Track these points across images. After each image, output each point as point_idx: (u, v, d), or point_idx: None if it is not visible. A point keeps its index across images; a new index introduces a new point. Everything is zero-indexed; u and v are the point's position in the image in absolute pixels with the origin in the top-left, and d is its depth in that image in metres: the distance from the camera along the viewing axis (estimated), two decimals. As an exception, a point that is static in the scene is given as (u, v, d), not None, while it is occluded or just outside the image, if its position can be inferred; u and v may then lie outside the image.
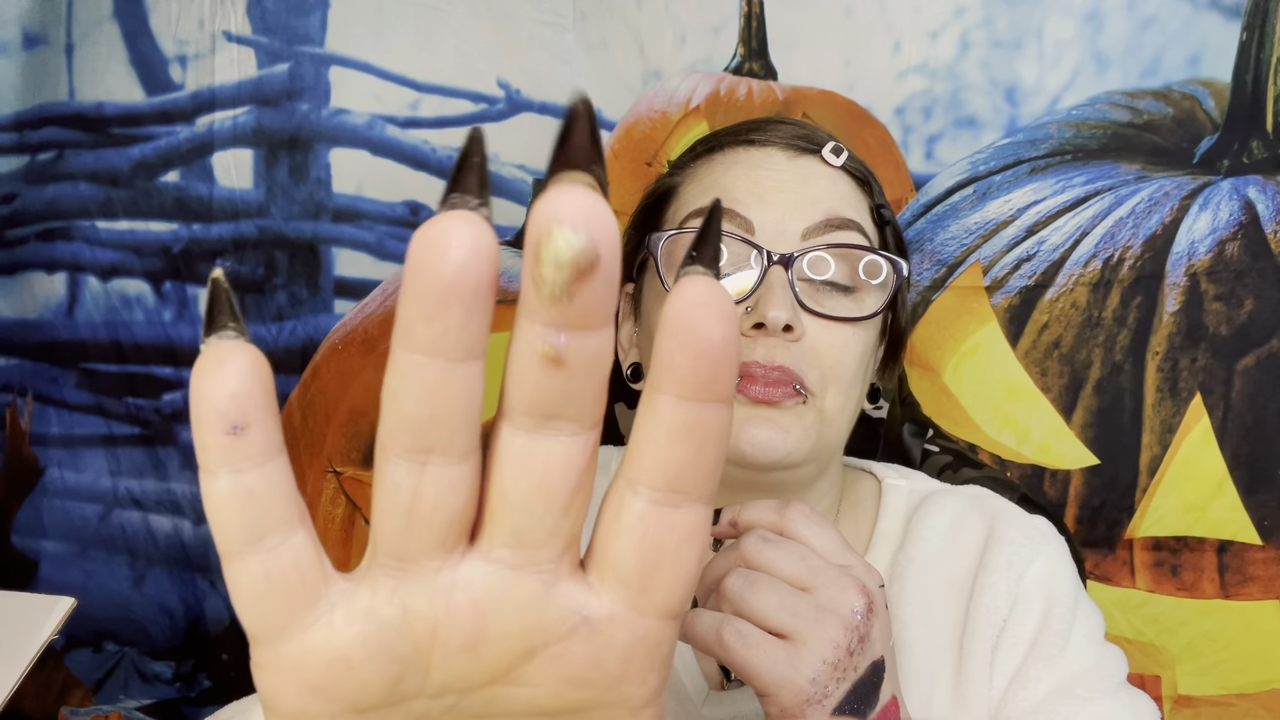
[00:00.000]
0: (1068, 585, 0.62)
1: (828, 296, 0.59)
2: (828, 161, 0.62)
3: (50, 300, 1.15)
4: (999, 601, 0.60)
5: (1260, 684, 0.83)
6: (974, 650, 0.59)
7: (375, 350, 1.04)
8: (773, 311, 0.55)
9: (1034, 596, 0.60)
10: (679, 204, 0.64)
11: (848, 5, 0.91)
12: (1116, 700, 0.58)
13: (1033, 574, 0.61)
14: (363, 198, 1.05)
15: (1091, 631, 0.61)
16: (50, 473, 1.18)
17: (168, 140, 1.09)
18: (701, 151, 0.66)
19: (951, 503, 0.65)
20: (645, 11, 0.96)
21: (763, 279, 0.57)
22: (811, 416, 0.57)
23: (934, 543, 0.63)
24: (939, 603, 0.61)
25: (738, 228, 0.59)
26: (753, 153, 0.63)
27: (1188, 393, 0.83)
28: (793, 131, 0.64)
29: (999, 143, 0.89)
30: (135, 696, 1.17)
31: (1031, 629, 0.60)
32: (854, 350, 0.59)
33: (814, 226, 0.59)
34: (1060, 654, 0.59)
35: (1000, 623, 0.60)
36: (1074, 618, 0.60)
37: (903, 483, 0.68)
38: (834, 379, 0.58)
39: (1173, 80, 0.85)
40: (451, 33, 1.01)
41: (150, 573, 1.16)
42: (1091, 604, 0.63)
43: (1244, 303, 0.82)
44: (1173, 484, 0.83)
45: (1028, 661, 0.59)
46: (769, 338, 0.56)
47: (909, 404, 0.90)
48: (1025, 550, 0.62)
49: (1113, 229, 0.85)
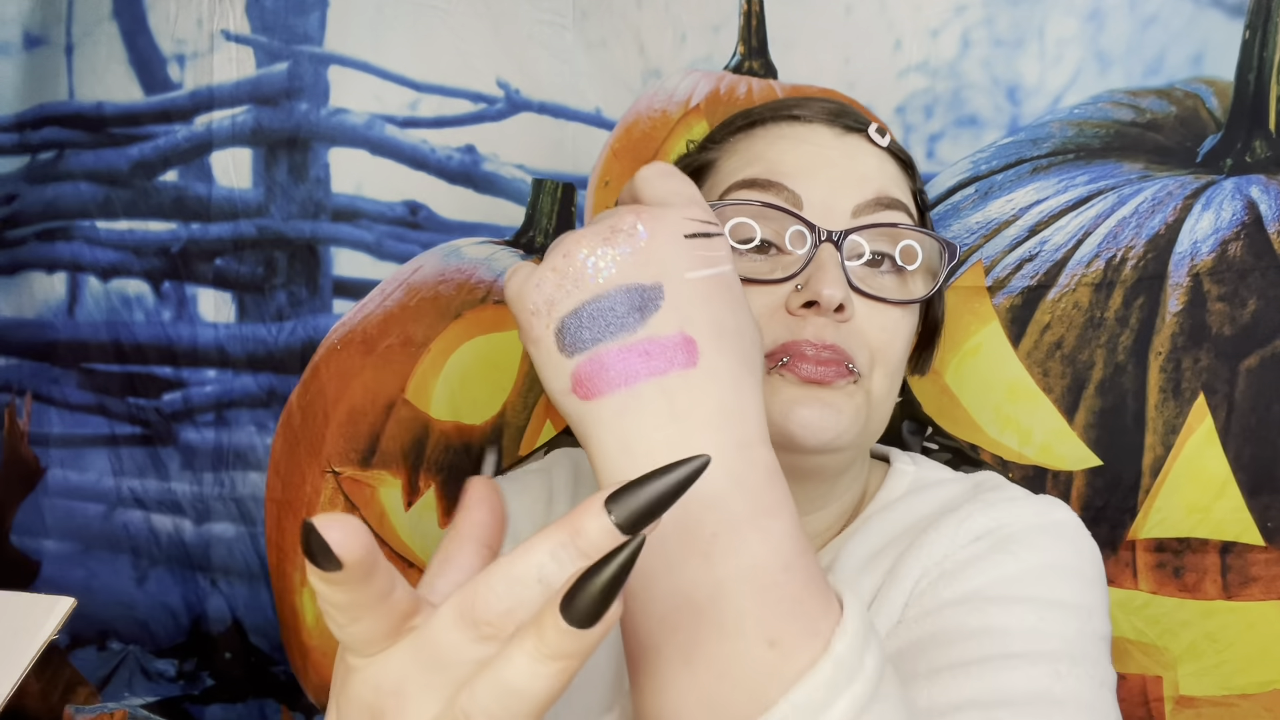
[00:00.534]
0: (1037, 556, 0.54)
1: (875, 277, 0.58)
2: (874, 141, 0.61)
3: (50, 300, 1.16)
4: (934, 552, 0.56)
5: (1262, 685, 0.82)
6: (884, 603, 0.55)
7: (374, 350, 1.04)
8: (827, 290, 0.53)
9: (976, 542, 0.55)
10: (717, 177, 0.62)
11: (848, 3, 0.90)
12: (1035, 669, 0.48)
13: (981, 521, 0.56)
14: (362, 197, 1.05)
15: (1062, 622, 0.52)
16: (52, 472, 1.18)
17: (166, 140, 1.09)
18: (742, 125, 0.64)
19: (953, 488, 0.63)
20: (645, 10, 0.96)
21: (813, 256, 0.55)
22: (861, 398, 0.56)
23: (909, 517, 0.60)
24: (872, 565, 0.57)
25: (785, 201, 0.57)
26: (797, 128, 0.61)
27: (1191, 393, 0.83)
28: (836, 109, 0.62)
29: (1001, 142, 0.88)
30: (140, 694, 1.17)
31: (957, 561, 0.54)
32: (902, 334, 0.58)
33: (864, 205, 0.58)
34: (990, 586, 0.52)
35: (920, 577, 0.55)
36: (1032, 584, 0.53)
37: (909, 468, 0.66)
38: (882, 361, 0.57)
39: (1175, 79, 0.84)
40: (451, 32, 1.01)
41: (153, 572, 1.16)
42: (1090, 613, 0.54)
43: (1247, 303, 0.81)
44: (1175, 485, 0.83)
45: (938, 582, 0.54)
46: (819, 317, 0.54)
47: (908, 401, 0.90)
48: (993, 509, 0.57)
49: (1115, 229, 0.85)
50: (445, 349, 1.03)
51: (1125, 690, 0.85)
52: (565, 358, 0.37)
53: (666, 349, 0.37)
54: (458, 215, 1.03)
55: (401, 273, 1.05)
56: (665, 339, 0.37)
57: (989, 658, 0.49)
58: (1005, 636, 0.50)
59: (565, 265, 0.38)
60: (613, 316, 0.37)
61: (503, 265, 1.03)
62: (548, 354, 0.38)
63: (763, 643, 0.34)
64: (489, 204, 1.03)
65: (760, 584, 0.35)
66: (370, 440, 1.04)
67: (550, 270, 0.38)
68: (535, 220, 1.02)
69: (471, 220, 1.03)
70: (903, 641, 0.53)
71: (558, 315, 0.37)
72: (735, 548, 0.35)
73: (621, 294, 0.37)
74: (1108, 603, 0.57)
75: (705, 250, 0.39)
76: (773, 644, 0.34)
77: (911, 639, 0.52)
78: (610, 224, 0.38)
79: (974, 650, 0.49)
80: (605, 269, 0.37)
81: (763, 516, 0.36)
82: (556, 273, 0.38)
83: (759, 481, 0.36)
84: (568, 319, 0.37)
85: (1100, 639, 0.54)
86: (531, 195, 1.02)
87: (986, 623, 0.51)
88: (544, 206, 1.02)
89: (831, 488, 0.61)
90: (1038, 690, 0.47)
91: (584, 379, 0.37)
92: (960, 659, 0.49)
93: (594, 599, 0.27)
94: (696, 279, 0.38)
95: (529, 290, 0.38)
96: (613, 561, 0.27)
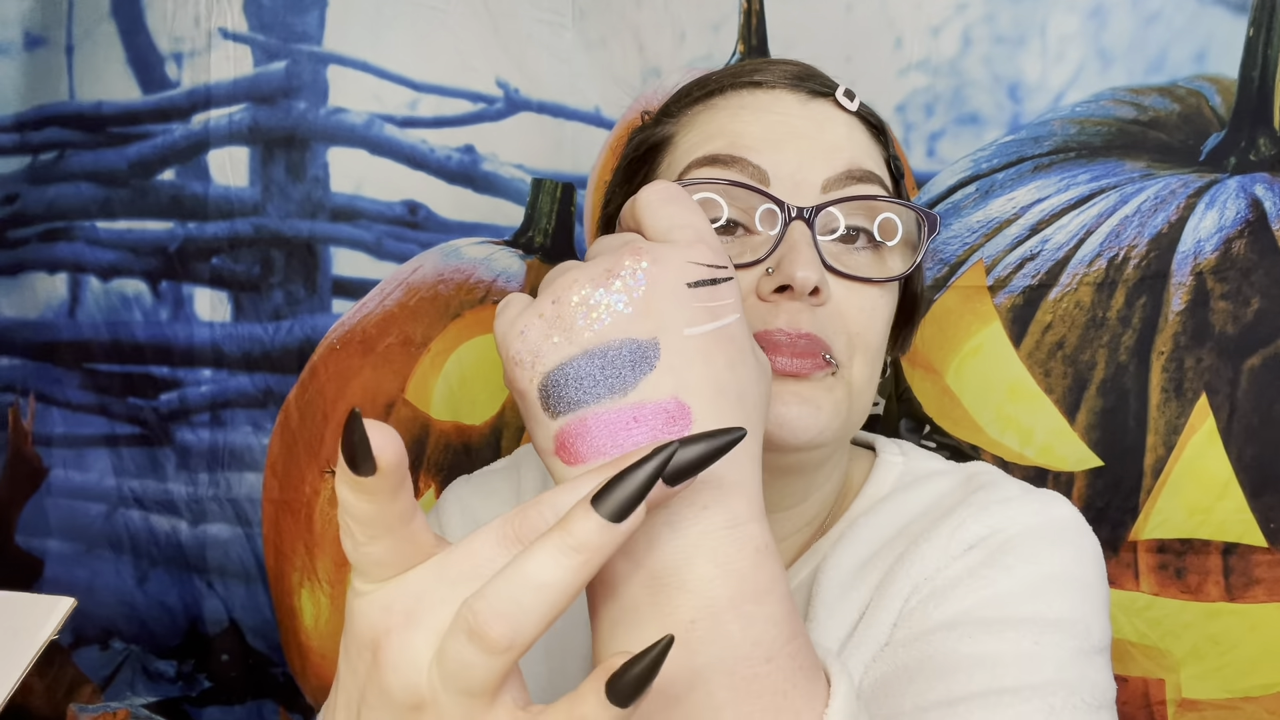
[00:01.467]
0: (1033, 567, 0.52)
1: (851, 255, 0.54)
2: (842, 105, 0.57)
3: (52, 301, 1.16)
4: (926, 566, 0.53)
5: (1265, 687, 0.82)
6: (873, 621, 0.52)
7: (373, 350, 1.04)
8: (800, 272, 0.49)
9: (969, 552, 0.52)
10: (675, 154, 0.58)
11: (848, 1, 0.90)
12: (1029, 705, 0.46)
13: (974, 529, 0.53)
14: (361, 197, 1.05)
15: (1056, 631, 0.49)
16: (55, 472, 1.18)
17: (164, 138, 1.09)
18: (699, 95, 0.59)
19: (945, 482, 0.60)
20: (644, 9, 0.96)
21: (783, 235, 0.51)
22: (841, 390, 0.52)
23: (899, 519, 0.57)
24: (861, 577, 0.55)
25: (750, 177, 0.53)
26: (759, 95, 0.57)
27: (1193, 393, 0.82)
28: (799, 71, 0.58)
29: (1002, 140, 0.88)
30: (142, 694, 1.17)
31: (949, 577, 0.52)
32: (881, 314, 0.54)
33: (835, 178, 0.53)
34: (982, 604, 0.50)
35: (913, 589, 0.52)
36: (1030, 596, 0.50)
37: (898, 459, 0.63)
38: (861, 346, 0.53)
39: (1178, 76, 0.83)
40: (450, 31, 1.01)
41: (152, 572, 1.16)
42: (1088, 622, 0.51)
43: (1250, 301, 0.81)
44: (1177, 486, 0.82)
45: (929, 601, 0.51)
46: (793, 302, 0.50)
47: (906, 399, 0.90)
48: (986, 513, 0.54)
49: (1117, 227, 0.84)
50: (445, 349, 1.03)
51: (1128, 693, 0.85)
52: (549, 418, 0.35)
53: (657, 415, 0.34)
54: (457, 215, 1.03)
55: (401, 272, 1.04)
56: (655, 405, 0.34)
57: (977, 695, 0.46)
58: (996, 668, 0.47)
59: (554, 312, 0.35)
60: (601, 376, 0.34)
61: (502, 265, 1.03)
62: (532, 409, 0.35)
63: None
64: (488, 204, 1.03)
65: (740, 676, 0.33)
66: (369, 440, 1.03)
67: (538, 317, 0.35)
68: (534, 220, 1.02)
69: (471, 220, 1.03)
70: (890, 666, 0.50)
71: (542, 370, 0.35)
72: (715, 637, 0.33)
73: (613, 351, 0.34)
74: (1108, 604, 0.54)
75: (709, 300, 0.36)
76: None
77: (899, 664, 0.50)
78: (607, 265, 0.35)
79: (963, 686, 0.47)
80: (598, 321, 0.34)
81: (747, 603, 0.33)
82: (544, 320, 0.35)
83: (746, 565, 0.34)
84: (553, 375, 0.34)
85: (1098, 652, 0.51)
86: (531, 195, 1.02)
87: (977, 650, 0.48)
88: (543, 206, 1.02)
89: (810, 481, 0.59)
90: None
91: (568, 443, 0.34)
92: (948, 696, 0.46)
93: (627, 495, 0.28)
94: (697, 335, 0.35)
95: (514, 338, 0.35)
96: (650, 462, 0.28)
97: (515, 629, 0.27)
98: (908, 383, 0.90)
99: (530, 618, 0.27)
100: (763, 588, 0.34)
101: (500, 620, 0.27)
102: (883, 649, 0.51)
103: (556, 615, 0.28)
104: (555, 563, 0.27)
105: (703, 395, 0.34)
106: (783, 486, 0.57)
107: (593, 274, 0.35)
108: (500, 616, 0.27)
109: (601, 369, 0.34)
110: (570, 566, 0.28)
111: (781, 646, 0.34)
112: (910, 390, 0.90)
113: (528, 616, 0.27)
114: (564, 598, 0.28)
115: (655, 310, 0.35)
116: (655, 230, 0.37)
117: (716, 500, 0.34)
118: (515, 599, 0.27)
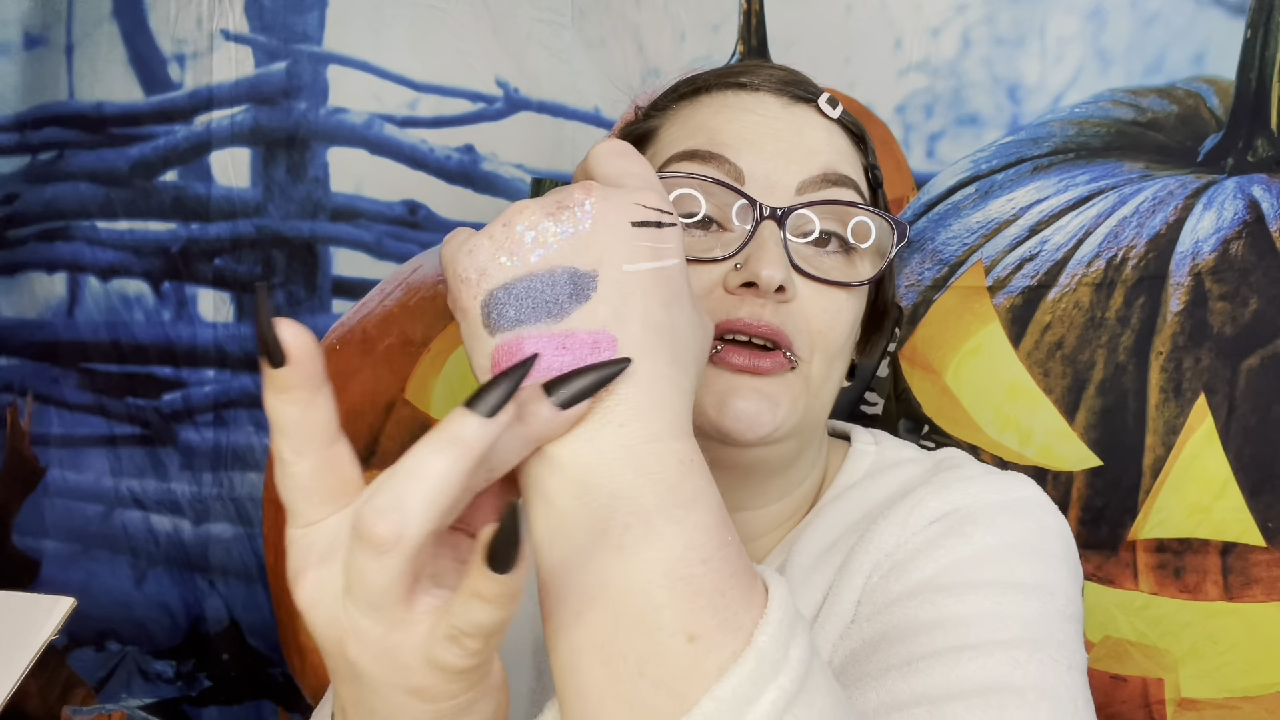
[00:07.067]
0: (994, 536, 0.52)
1: (820, 258, 0.55)
2: (824, 112, 0.58)
3: (51, 300, 1.16)
4: (885, 542, 0.53)
5: (1264, 687, 0.82)
6: (835, 604, 0.53)
7: (373, 350, 1.04)
8: (765, 270, 0.51)
9: (930, 526, 0.53)
10: (659, 146, 0.59)
11: (848, 2, 0.90)
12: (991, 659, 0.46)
13: (934, 505, 0.54)
14: (361, 197, 1.05)
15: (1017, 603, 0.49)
16: (52, 473, 1.18)
17: (166, 139, 1.09)
18: (686, 92, 0.60)
19: (913, 469, 0.60)
20: (644, 9, 0.96)
21: (754, 234, 0.52)
22: (799, 385, 0.53)
23: (865, 504, 0.58)
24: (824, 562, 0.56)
25: (727, 174, 0.54)
26: (743, 96, 0.58)
27: (1191, 393, 0.82)
28: (785, 77, 0.59)
29: (1001, 141, 0.88)
30: (137, 695, 1.17)
31: (909, 551, 0.52)
32: (845, 318, 0.55)
33: (810, 181, 0.55)
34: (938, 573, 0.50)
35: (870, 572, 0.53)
36: (986, 563, 0.51)
37: (870, 448, 0.63)
38: (822, 346, 0.54)
39: (1176, 78, 0.84)
40: (450, 31, 1.01)
41: (151, 572, 1.16)
42: (1060, 609, 0.51)
43: (1249, 302, 0.81)
44: (1176, 485, 0.82)
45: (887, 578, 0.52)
46: (757, 297, 0.52)
47: (904, 399, 0.90)
48: (947, 490, 0.55)
49: (1116, 228, 0.85)
50: (445, 348, 1.03)
51: (1126, 692, 0.85)
52: (488, 334, 0.36)
53: (583, 345, 0.35)
54: (457, 215, 1.03)
55: (400, 272, 1.04)
56: (584, 335, 0.35)
57: (941, 651, 0.47)
58: (960, 627, 0.48)
59: (503, 235, 0.36)
60: (540, 299, 0.35)
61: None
62: (473, 327, 0.37)
63: (682, 637, 0.33)
64: (488, 203, 1.03)
65: (677, 576, 0.33)
66: (370, 440, 1.04)
67: (487, 238, 0.36)
68: (534, 220, 1.02)
69: (470, 220, 1.03)
70: (856, 642, 0.51)
71: (487, 287, 0.36)
72: (649, 540, 0.34)
73: (554, 276, 0.35)
74: (1079, 583, 0.55)
75: (652, 241, 0.37)
76: (692, 638, 0.33)
77: (865, 639, 0.50)
78: (558, 199, 0.36)
79: (926, 645, 0.47)
80: (543, 246, 0.36)
81: (676, 509, 0.34)
82: (493, 241, 0.36)
83: (671, 474, 0.35)
84: (497, 292, 0.36)
85: (1066, 619, 0.50)
86: (530, 195, 1.02)
87: (939, 614, 0.48)
88: (543, 206, 1.02)
89: (785, 479, 0.59)
90: (993, 680, 0.45)
91: (501, 360, 0.36)
92: (911, 655, 0.47)
93: (498, 396, 0.30)
94: (635, 271, 0.36)
95: (462, 255, 0.36)
96: (516, 370, 0.31)
97: (399, 523, 0.28)
98: (907, 382, 0.90)
99: (412, 511, 0.29)
100: (690, 496, 0.35)
101: (381, 516, 0.28)
102: (848, 627, 0.52)
103: (439, 509, 0.29)
104: (432, 456, 0.29)
105: (631, 328, 0.36)
106: (755, 485, 0.58)
107: (545, 205, 0.36)
108: (381, 513, 0.28)
109: (541, 292, 0.35)
110: (448, 457, 0.29)
111: (715, 550, 0.34)
112: (909, 390, 0.90)
113: (409, 509, 0.29)
114: (443, 488, 0.29)
115: (598, 243, 0.36)
116: (606, 179, 0.39)
117: (632, 418, 0.35)
118: (395, 493, 0.29)
